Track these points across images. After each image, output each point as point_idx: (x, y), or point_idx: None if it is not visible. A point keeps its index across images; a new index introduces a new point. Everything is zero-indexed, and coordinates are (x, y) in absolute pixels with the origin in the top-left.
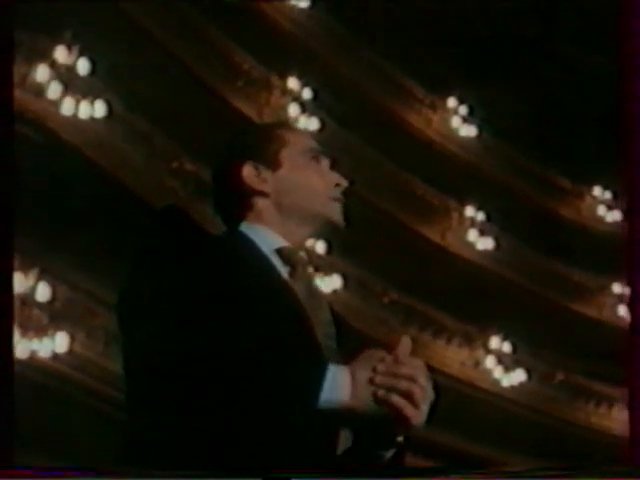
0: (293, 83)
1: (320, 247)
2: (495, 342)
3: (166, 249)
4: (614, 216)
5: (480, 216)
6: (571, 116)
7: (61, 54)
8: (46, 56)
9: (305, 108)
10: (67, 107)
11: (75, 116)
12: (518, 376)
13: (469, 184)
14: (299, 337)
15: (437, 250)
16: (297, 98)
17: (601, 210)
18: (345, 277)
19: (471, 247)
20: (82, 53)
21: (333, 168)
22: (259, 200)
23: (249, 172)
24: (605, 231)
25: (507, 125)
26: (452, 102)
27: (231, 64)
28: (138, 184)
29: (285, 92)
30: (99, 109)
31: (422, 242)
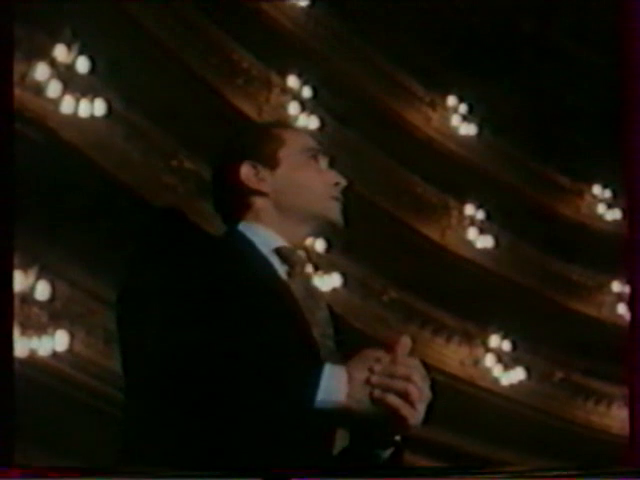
0: (293, 81)
1: (319, 245)
2: (495, 340)
3: (165, 248)
4: (614, 214)
5: (480, 214)
6: (571, 114)
7: (61, 52)
8: (45, 54)
9: (305, 106)
10: (67, 105)
11: (75, 114)
12: (517, 374)
13: (469, 182)
14: (295, 337)
15: (437, 248)
16: (297, 96)
17: (601, 208)
18: (344, 275)
19: (471, 245)
20: (82, 51)
21: (332, 167)
22: (258, 199)
23: (247, 172)
24: (605, 229)
25: (507, 123)
26: (452, 100)
27: (231, 62)
28: (138, 182)
29: (285, 90)
30: (99, 107)
31: (422, 240)
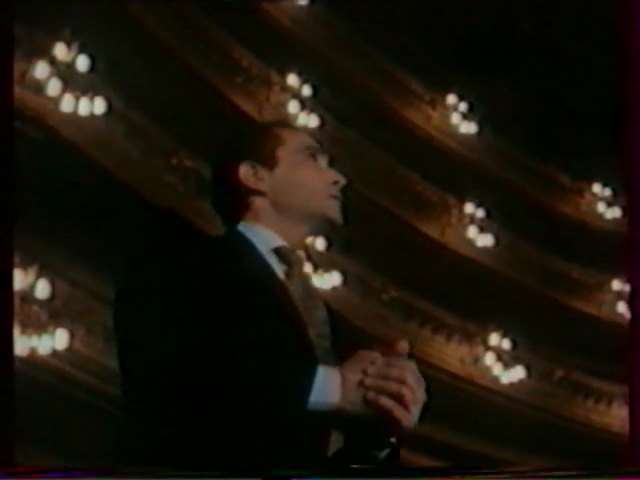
0: (293, 80)
1: (320, 244)
2: (494, 339)
3: (163, 248)
4: (614, 213)
5: (480, 213)
6: (571, 112)
7: (61, 51)
8: (45, 53)
9: (305, 105)
10: (67, 104)
11: (75, 113)
12: (517, 373)
13: (469, 181)
14: (291, 337)
15: (437, 247)
16: (297, 95)
17: (601, 207)
18: (344, 274)
19: (471, 244)
20: (81, 50)
21: (332, 165)
22: (256, 199)
23: (246, 171)
24: (605, 228)
25: (507, 122)
26: (452, 99)
27: (231, 61)
28: (137, 180)
29: (285, 89)
30: (99, 106)
31: (421, 239)
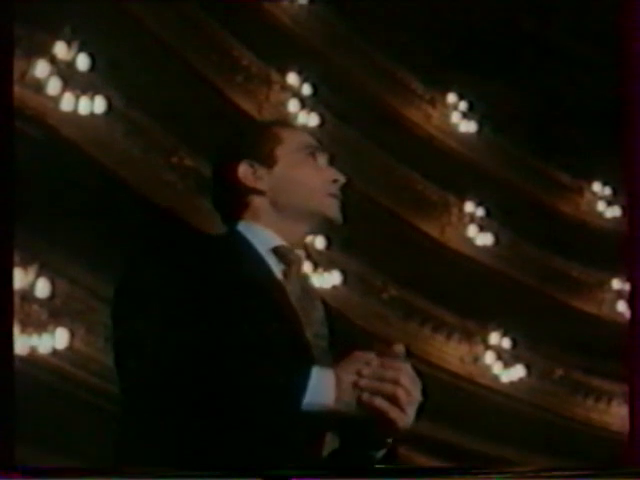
0: (293, 79)
1: (319, 243)
2: (494, 338)
3: (161, 246)
4: (614, 212)
5: (479, 212)
6: (571, 111)
7: (61, 50)
8: (45, 52)
9: (305, 104)
10: (67, 103)
11: (75, 112)
12: (517, 372)
13: (469, 180)
14: (286, 338)
15: (436, 246)
16: (297, 94)
17: (601, 206)
18: (344, 273)
19: (471, 243)
20: (81, 49)
21: (332, 164)
22: (255, 198)
23: (245, 170)
24: (604, 227)
25: (507, 121)
26: (452, 98)
27: (231, 60)
28: (138, 179)
29: (285, 88)
30: (99, 105)
31: (421, 238)
